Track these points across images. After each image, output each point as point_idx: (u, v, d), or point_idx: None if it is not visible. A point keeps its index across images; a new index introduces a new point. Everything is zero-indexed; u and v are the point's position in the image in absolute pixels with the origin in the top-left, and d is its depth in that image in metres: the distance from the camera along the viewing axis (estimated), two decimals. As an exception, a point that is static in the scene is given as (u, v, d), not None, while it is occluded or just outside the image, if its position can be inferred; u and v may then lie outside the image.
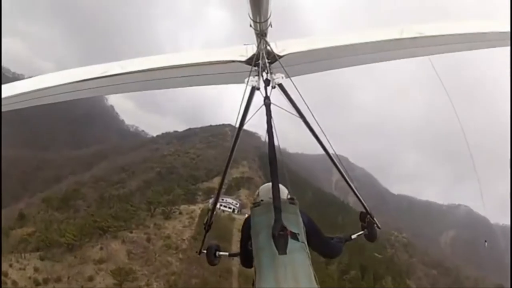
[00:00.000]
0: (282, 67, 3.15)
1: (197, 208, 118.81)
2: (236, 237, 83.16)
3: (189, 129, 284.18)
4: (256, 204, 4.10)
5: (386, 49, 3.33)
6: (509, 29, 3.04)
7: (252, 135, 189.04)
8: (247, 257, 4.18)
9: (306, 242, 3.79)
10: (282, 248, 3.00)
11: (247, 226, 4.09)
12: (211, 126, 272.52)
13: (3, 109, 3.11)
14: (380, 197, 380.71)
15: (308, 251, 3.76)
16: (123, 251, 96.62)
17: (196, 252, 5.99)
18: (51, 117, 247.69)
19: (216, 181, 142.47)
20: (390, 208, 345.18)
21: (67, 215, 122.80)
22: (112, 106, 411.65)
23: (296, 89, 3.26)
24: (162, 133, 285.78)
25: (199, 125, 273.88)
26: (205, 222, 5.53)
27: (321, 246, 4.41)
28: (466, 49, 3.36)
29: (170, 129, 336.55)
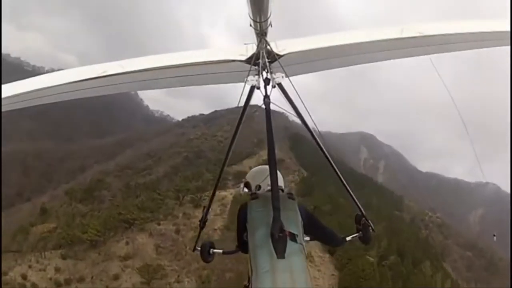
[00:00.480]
0: (281, 66, 3.14)
1: (229, 194, 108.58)
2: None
3: (215, 111, 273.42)
4: (253, 196, 3.99)
5: (386, 48, 3.31)
6: (509, 29, 2.97)
7: (280, 115, 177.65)
8: (244, 248, 4.05)
9: (304, 244, 3.74)
10: (280, 252, 3.03)
11: (242, 216, 3.99)
12: (237, 107, 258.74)
13: (3, 109, 3.10)
14: (409, 175, 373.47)
15: (306, 253, 3.70)
16: (150, 245, 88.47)
17: (190, 249, 6.15)
18: (73, 107, 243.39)
19: (246, 164, 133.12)
20: (419, 186, 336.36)
21: (91, 207, 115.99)
22: (136, 93, 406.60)
23: (294, 88, 3.28)
24: (188, 117, 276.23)
25: (225, 107, 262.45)
26: (200, 219, 5.40)
27: (323, 237, 4.57)
28: (466, 49, 3.32)
29: (196, 112, 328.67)
